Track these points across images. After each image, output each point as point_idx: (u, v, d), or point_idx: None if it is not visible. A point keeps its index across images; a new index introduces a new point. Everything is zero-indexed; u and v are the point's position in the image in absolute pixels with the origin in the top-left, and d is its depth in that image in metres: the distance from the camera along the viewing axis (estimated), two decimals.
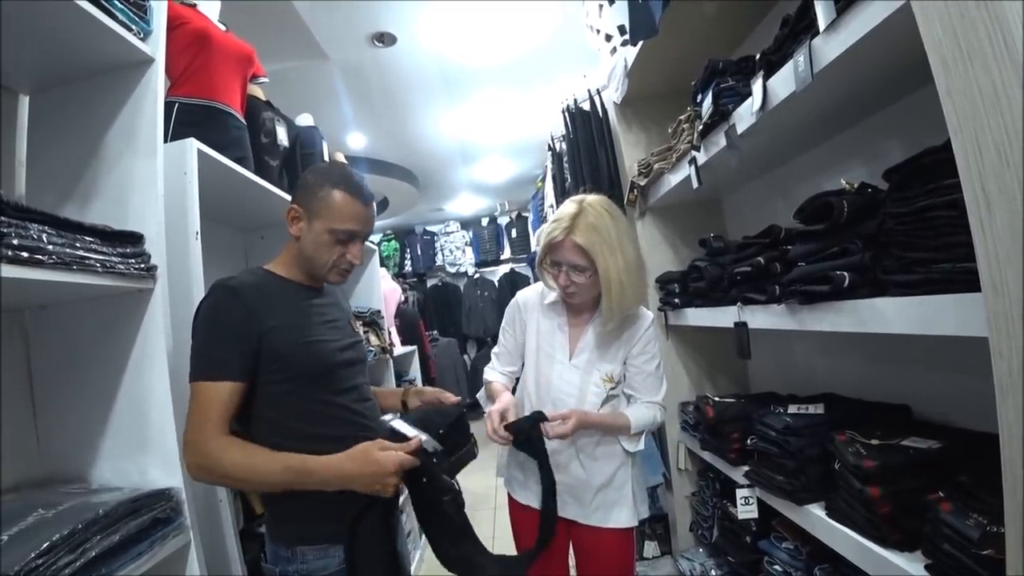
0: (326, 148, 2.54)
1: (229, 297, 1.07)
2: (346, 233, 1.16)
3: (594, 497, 1.46)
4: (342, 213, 1.14)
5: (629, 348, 1.47)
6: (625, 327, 1.46)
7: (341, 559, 1.11)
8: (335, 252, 1.17)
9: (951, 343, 0.79)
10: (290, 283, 1.20)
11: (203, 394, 1.02)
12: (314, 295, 1.23)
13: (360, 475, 1.01)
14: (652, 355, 1.48)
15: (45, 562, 0.78)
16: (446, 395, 1.35)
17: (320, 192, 1.14)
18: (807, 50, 1.04)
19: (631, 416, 1.43)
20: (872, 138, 1.41)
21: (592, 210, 1.35)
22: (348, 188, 1.15)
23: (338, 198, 1.14)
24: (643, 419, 1.43)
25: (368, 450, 1.03)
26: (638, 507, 1.49)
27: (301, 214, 1.16)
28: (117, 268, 1.04)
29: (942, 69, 0.69)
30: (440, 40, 3.27)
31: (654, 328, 1.51)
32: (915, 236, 0.89)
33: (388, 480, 1.01)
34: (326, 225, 1.14)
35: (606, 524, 1.46)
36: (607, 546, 1.48)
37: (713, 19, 1.84)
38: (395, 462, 1.01)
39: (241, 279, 1.12)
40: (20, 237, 0.83)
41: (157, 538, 1.02)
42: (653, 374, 1.48)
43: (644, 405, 1.46)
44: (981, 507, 0.85)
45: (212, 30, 1.68)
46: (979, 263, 0.66)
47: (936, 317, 0.82)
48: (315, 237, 1.15)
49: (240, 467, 1.00)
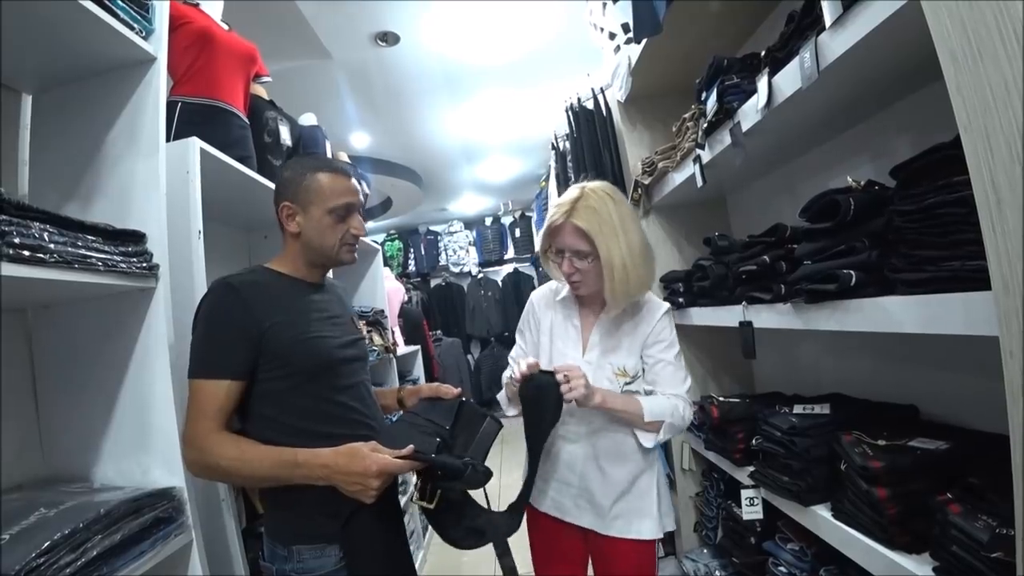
0: (329, 147, 2.54)
1: (229, 294, 1.08)
2: (344, 208, 1.20)
3: (613, 505, 1.36)
4: (334, 191, 1.18)
5: (644, 339, 1.39)
6: (638, 318, 1.40)
7: (338, 558, 1.12)
8: (340, 230, 1.20)
9: (960, 342, 0.78)
10: (291, 280, 1.20)
11: (201, 391, 1.04)
12: (315, 291, 1.23)
13: (345, 472, 1.00)
14: (669, 343, 1.39)
15: (46, 561, 0.78)
16: (444, 388, 1.33)
17: (304, 182, 1.18)
18: (813, 46, 1.03)
19: (645, 402, 1.31)
20: (879, 135, 1.40)
21: (593, 194, 1.31)
22: (328, 168, 1.21)
23: (324, 179, 1.18)
24: (659, 408, 1.31)
25: (358, 449, 1.03)
26: (663, 518, 1.38)
27: (295, 209, 1.18)
28: (119, 267, 1.03)
29: (951, 64, 0.68)
30: (443, 39, 3.27)
31: (670, 317, 1.43)
32: (923, 234, 0.89)
33: (370, 482, 1.00)
34: (323, 208, 1.17)
35: (626, 535, 1.36)
36: (627, 559, 1.37)
37: (717, 16, 1.82)
38: (380, 464, 1.01)
39: (241, 277, 1.13)
40: (22, 236, 0.82)
41: (159, 537, 1.02)
42: (672, 363, 1.38)
43: (662, 396, 1.35)
44: (990, 509, 0.84)
45: (215, 29, 1.68)
46: (989, 261, 0.65)
47: (945, 316, 0.81)
48: (316, 223, 1.18)
49: (233, 461, 1.02)
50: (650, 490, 1.39)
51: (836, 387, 1.64)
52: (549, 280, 1.54)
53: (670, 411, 1.32)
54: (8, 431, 1.12)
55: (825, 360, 1.80)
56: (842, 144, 1.55)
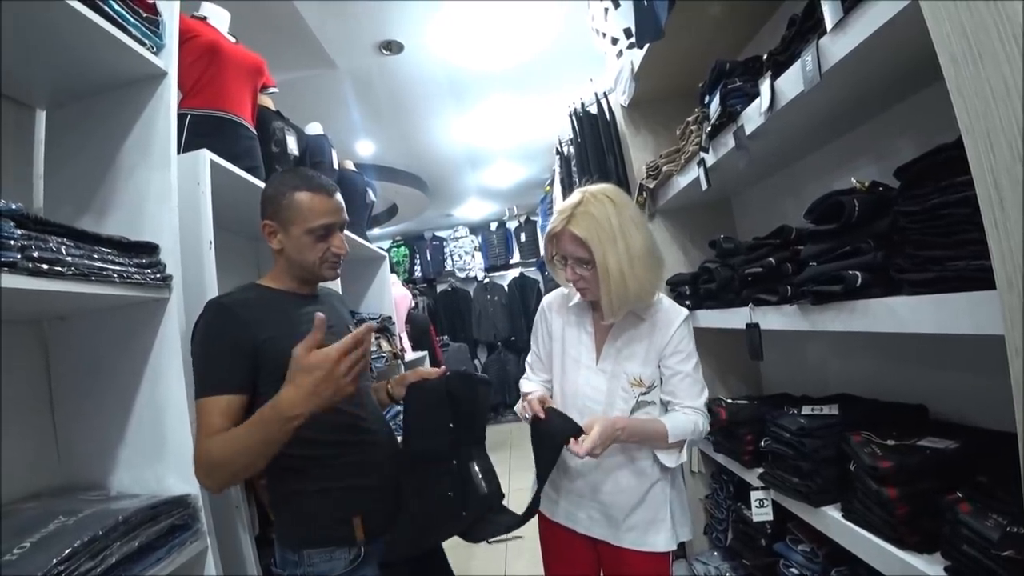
0: (335, 156, 2.56)
1: (222, 313, 1.10)
2: (323, 228, 1.19)
3: (626, 518, 1.34)
4: (313, 212, 1.18)
5: (661, 348, 1.35)
6: (655, 325, 1.36)
7: (347, 561, 1.13)
8: (319, 249, 1.20)
9: (966, 341, 0.78)
10: (282, 294, 1.22)
11: (205, 409, 1.05)
12: (307, 303, 1.25)
13: (309, 391, 0.95)
14: (687, 354, 1.36)
15: (67, 568, 0.79)
16: (427, 371, 1.35)
17: (284, 200, 1.18)
18: (815, 50, 1.04)
19: (667, 422, 1.29)
20: (882, 136, 1.41)
21: (594, 199, 1.28)
22: (309, 187, 1.19)
23: (304, 199, 1.17)
24: (681, 427, 1.30)
25: (296, 363, 0.95)
26: (677, 528, 1.36)
27: (275, 227, 1.19)
28: (134, 278, 1.05)
29: (952, 66, 0.69)
30: (447, 47, 3.29)
31: (688, 325, 1.38)
32: (928, 234, 0.89)
33: (336, 371, 0.94)
34: (302, 228, 1.18)
35: (640, 547, 1.33)
36: (640, 572, 1.35)
37: (719, 20, 1.83)
38: (333, 350, 0.94)
39: (233, 296, 1.15)
40: (40, 249, 0.84)
41: (175, 544, 1.03)
42: (690, 375, 1.35)
43: (682, 412, 1.33)
44: (1001, 507, 0.84)
45: (222, 42, 1.71)
46: (993, 260, 0.66)
47: (951, 316, 0.82)
48: (295, 243, 1.19)
49: (224, 449, 0.99)
50: (664, 501, 1.37)
51: (844, 388, 1.64)
52: (556, 285, 1.54)
53: (691, 429, 1.31)
54: (25, 440, 1.14)
55: (832, 361, 1.80)
56: (845, 146, 1.56)
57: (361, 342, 0.97)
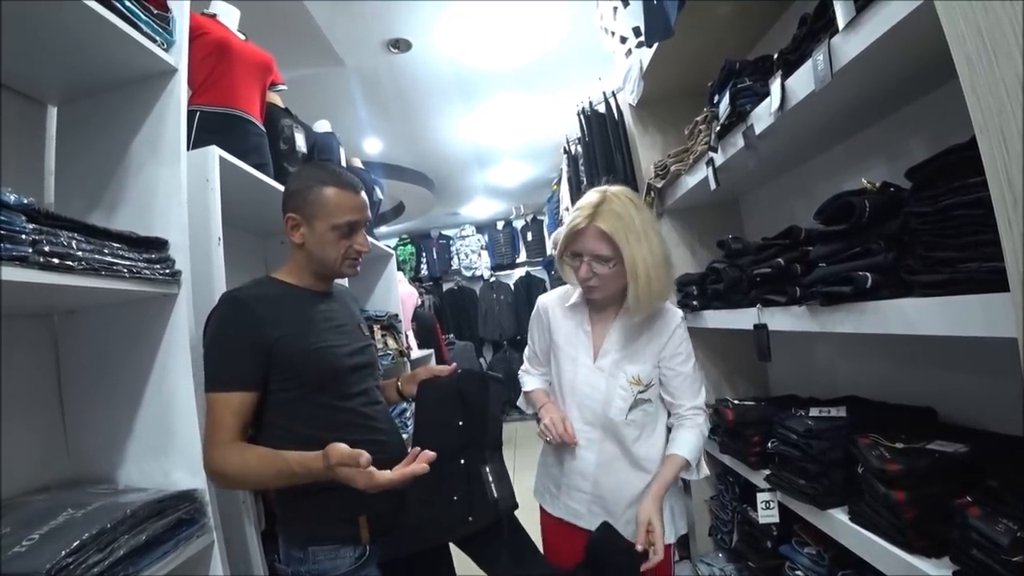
0: (343, 153, 2.57)
1: (236, 308, 1.11)
2: (348, 225, 1.19)
3: (625, 511, 1.36)
4: (340, 208, 1.17)
5: (659, 348, 1.39)
6: (652, 325, 1.39)
7: (352, 559, 1.14)
8: (342, 246, 1.20)
9: (978, 344, 0.77)
10: (297, 290, 1.22)
11: (215, 404, 1.06)
12: (321, 300, 1.25)
13: (342, 479, 1.00)
14: (687, 355, 1.40)
15: (75, 560, 0.80)
16: (438, 368, 1.35)
17: (311, 195, 1.17)
18: (826, 49, 1.03)
19: (683, 451, 1.33)
20: (893, 136, 1.39)
21: (616, 199, 1.29)
22: (337, 183, 1.19)
23: (331, 195, 1.17)
24: (694, 444, 1.35)
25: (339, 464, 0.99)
26: (676, 522, 1.40)
27: (299, 220, 1.19)
28: (143, 273, 1.06)
29: (966, 66, 0.68)
30: (454, 45, 3.30)
31: (684, 326, 1.43)
32: (940, 235, 0.88)
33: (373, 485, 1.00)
34: (327, 223, 1.17)
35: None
36: None
37: (729, 20, 1.83)
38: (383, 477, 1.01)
39: (248, 290, 1.15)
40: (51, 244, 0.85)
41: (182, 538, 1.04)
42: (690, 375, 1.39)
43: (687, 428, 1.37)
44: (1010, 512, 0.83)
45: (232, 39, 1.71)
46: (1007, 262, 0.65)
47: (962, 318, 0.81)
48: (319, 238, 1.18)
49: (239, 470, 1.04)
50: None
51: (852, 389, 1.62)
52: (561, 283, 1.54)
53: (701, 439, 1.37)
54: (35, 433, 1.15)
55: (840, 362, 1.79)
56: (856, 146, 1.55)
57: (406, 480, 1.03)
